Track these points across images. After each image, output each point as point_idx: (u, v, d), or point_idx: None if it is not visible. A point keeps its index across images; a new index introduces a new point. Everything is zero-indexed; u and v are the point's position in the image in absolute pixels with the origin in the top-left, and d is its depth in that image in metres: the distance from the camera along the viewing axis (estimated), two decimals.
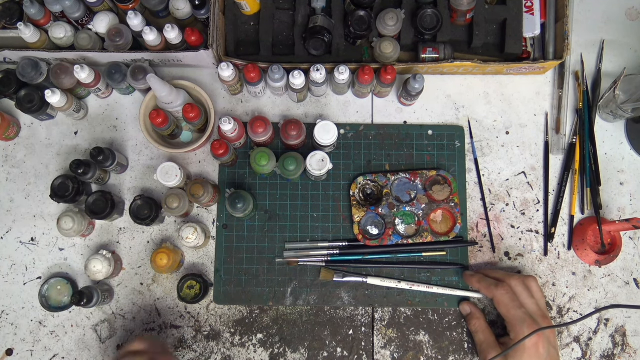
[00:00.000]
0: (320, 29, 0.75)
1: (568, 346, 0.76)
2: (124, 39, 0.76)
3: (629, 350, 0.76)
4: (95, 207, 0.73)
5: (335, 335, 0.76)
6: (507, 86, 0.83)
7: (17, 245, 0.78)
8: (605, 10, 0.85)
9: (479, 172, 0.80)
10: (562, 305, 0.77)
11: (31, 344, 0.76)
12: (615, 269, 0.78)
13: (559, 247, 0.79)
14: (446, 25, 0.77)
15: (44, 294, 0.75)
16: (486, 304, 0.77)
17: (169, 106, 0.73)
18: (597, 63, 0.83)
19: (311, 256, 0.77)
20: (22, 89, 0.75)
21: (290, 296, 0.76)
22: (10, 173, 0.80)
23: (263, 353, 0.75)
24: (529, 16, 0.80)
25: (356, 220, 0.76)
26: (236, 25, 0.80)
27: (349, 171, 0.80)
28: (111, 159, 0.74)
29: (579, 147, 0.80)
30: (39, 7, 0.74)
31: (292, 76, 0.73)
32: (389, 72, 0.72)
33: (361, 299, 0.76)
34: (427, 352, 0.75)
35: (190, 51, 0.74)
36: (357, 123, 0.81)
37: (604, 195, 0.79)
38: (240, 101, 0.82)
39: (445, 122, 0.82)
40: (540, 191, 0.80)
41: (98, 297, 0.72)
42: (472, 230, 0.79)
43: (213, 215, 0.79)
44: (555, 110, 0.82)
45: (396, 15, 0.76)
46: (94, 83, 0.75)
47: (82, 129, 0.81)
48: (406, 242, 0.76)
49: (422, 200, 0.77)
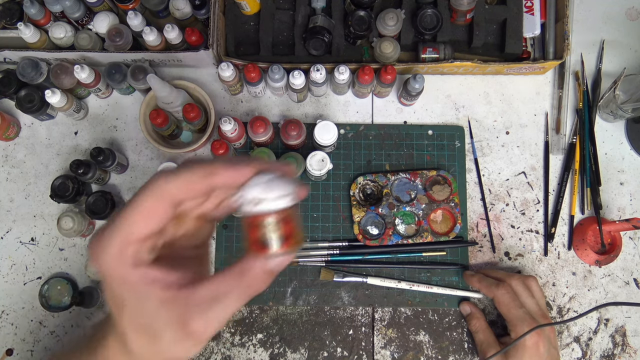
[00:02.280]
0: (320, 29, 0.75)
1: (568, 346, 0.76)
2: (124, 39, 0.76)
3: (629, 350, 0.76)
4: (95, 207, 0.73)
5: (335, 335, 0.76)
6: (507, 86, 0.83)
7: (17, 245, 0.78)
8: (605, 10, 0.85)
9: (479, 172, 0.80)
10: (562, 305, 0.77)
11: (31, 344, 0.76)
12: (615, 269, 0.78)
13: (559, 247, 0.79)
14: (446, 25, 0.77)
15: (44, 294, 0.75)
16: (486, 303, 0.77)
17: (169, 106, 0.73)
18: (597, 63, 0.83)
19: (311, 256, 0.77)
20: (22, 89, 0.75)
21: (290, 296, 0.77)
22: (10, 173, 0.80)
23: (263, 353, 0.75)
24: (529, 16, 0.80)
25: (356, 220, 0.76)
26: (236, 25, 0.80)
27: (349, 171, 0.80)
28: (111, 159, 0.74)
29: (579, 147, 0.80)
30: (39, 7, 0.74)
31: (292, 76, 0.73)
32: (389, 72, 0.72)
33: (361, 299, 0.76)
34: (427, 352, 0.75)
35: (190, 51, 0.74)
36: (357, 123, 0.81)
37: (604, 195, 0.79)
38: (240, 101, 0.82)
39: (445, 122, 0.82)
40: (540, 191, 0.80)
41: (98, 297, 0.72)
42: (472, 230, 0.79)
43: None
44: (555, 110, 0.82)
45: (396, 15, 0.76)
46: (94, 83, 0.75)
47: (82, 129, 0.81)
48: (406, 242, 0.76)
49: (422, 200, 0.77)
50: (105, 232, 0.30)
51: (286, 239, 0.31)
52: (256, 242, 0.31)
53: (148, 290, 0.30)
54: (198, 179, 0.30)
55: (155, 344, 0.30)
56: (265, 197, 0.30)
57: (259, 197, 0.30)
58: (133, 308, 0.30)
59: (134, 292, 0.30)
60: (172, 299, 0.30)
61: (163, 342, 0.30)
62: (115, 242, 0.30)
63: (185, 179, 0.30)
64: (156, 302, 0.30)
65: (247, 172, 0.31)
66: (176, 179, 0.30)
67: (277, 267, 0.32)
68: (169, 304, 0.30)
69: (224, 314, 0.30)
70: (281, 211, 0.30)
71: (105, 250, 0.30)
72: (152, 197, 0.30)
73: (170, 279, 0.31)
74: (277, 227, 0.30)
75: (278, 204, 0.30)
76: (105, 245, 0.30)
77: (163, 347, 0.30)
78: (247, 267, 0.31)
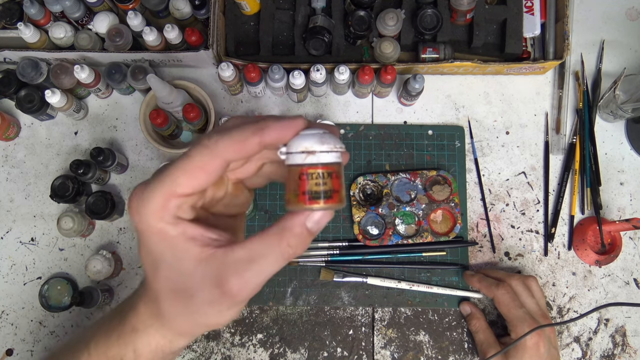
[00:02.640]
0: (320, 29, 0.75)
1: (568, 346, 0.76)
2: (124, 39, 0.76)
3: (629, 350, 0.76)
4: (95, 207, 0.73)
5: (335, 335, 0.76)
6: (507, 86, 0.83)
7: (17, 245, 0.78)
8: (605, 10, 0.85)
9: (479, 172, 0.80)
10: (562, 305, 0.77)
11: (31, 344, 0.76)
12: (615, 269, 0.78)
13: (559, 247, 0.79)
14: (446, 25, 0.77)
15: (44, 294, 0.75)
16: (486, 304, 0.77)
17: (169, 106, 0.73)
18: (597, 63, 0.83)
19: (311, 256, 0.77)
20: (22, 89, 0.75)
21: (290, 296, 0.76)
22: (10, 173, 0.80)
23: (263, 353, 0.75)
24: (529, 16, 0.80)
25: (356, 220, 0.76)
26: (236, 25, 0.80)
27: (349, 171, 0.80)
28: (111, 159, 0.74)
29: (579, 147, 0.80)
30: (39, 7, 0.74)
31: (292, 76, 0.73)
32: (389, 72, 0.72)
33: (361, 299, 0.76)
34: (427, 352, 0.75)
35: (190, 51, 0.74)
36: (357, 123, 0.81)
37: (604, 195, 0.79)
38: (240, 101, 0.82)
39: (445, 122, 0.82)
40: (540, 191, 0.80)
41: (98, 297, 0.72)
42: (472, 230, 0.79)
43: None
44: (555, 110, 0.82)
45: (396, 15, 0.76)
46: (94, 83, 0.75)
47: (82, 129, 0.81)
48: (406, 242, 0.76)
49: (422, 200, 0.77)
50: (148, 186, 0.29)
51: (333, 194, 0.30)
52: (303, 194, 0.30)
53: (187, 247, 0.29)
54: (250, 135, 0.29)
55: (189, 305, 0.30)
56: (318, 149, 0.30)
57: (312, 148, 0.30)
58: (169, 266, 0.30)
59: (172, 248, 0.30)
60: (210, 258, 0.29)
61: (197, 302, 0.29)
62: (158, 195, 0.29)
63: (237, 136, 0.29)
64: (193, 260, 0.29)
65: (298, 125, 0.30)
66: (229, 136, 0.29)
67: (316, 226, 0.30)
68: (206, 262, 0.29)
69: (262, 276, 0.29)
70: (331, 165, 0.30)
71: (148, 204, 0.29)
72: (203, 153, 0.29)
73: (209, 236, 0.30)
74: (327, 180, 0.30)
75: (329, 157, 0.30)
76: (148, 198, 0.29)
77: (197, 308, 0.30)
78: (287, 227, 0.30)
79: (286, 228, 0.30)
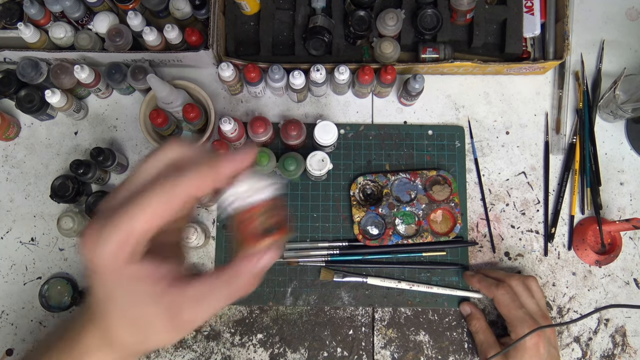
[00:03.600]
0: (320, 29, 0.75)
1: (568, 346, 0.76)
2: (124, 39, 0.76)
3: (629, 350, 0.76)
4: (95, 207, 0.73)
5: (335, 335, 0.76)
6: (507, 86, 0.83)
7: (17, 245, 0.78)
8: (605, 10, 0.85)
9: (479, 172, 0.80)
10: (562, 305, 0.77)
11: (31, 344, 0.76)
12: (615, 269, 0.78)
13: (559, 247, 0.79)
14: (446, 25, 0.77)
15: (44, 294, 0.75)
16: (486, 304, 0.77)
17: (169, 106, 0.73)
18: (597, 63, 0.83)
19: (311, 256, 0.77)
20: (22, 89, 0.75)
21: (290, 296, 0.76)
22: (10, 173, 0.80)
23: (263, 353, 0.75)
24: (529, 16, 0.80)
25: (356, 220, 0.76)
26: (236, 25, 0.80)
27: (349, 171, 0.80)
28: (111, 159, 0.74)
29: (579, 147, 0.80)
30: (39, 7, 0.74)
31: (292, 76, 0.73)
32: (389, 72, 0.72)
33: (361, 299, 0.76)
34: (427, 352, 0.75)
35: (190, 51, 0.74)
36: (357, 123, 0.81)
37: (604, 195, 0.79)
38: (240, 101, 0.82)
39: (445, 122, 0.82)
40: (540, 191, 0.80)
41: None
42: (472, 230, 0.79)
43: (213, 216, 0.79)
44: (555, 110, 0.82)
45: (396, 15, 0.76)
46: (94, 83, 0.75)
47: (82, 129, 0.81)
48: (406, 242, 0.76)
49: (422, 200, 0.77)
50: (104, 226, 0.29)
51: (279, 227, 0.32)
52: (251, 235, 0.32)
53: (139, 285, 0.31)
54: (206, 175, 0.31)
55: (142, 334, 0.31)
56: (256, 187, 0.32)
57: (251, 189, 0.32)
58: (122, 302, 0.31)
59: (125, 287, 0.31)
60: (164, 294, 0.31)
61: (152, 331, 0.31)
62: (114, 238, 0.29)
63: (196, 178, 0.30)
64: (148, 297, 0.31)
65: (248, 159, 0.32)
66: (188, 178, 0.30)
67: (262, 271, 0.32)
68: (160, 298, 0.31)
69: (211, 311, 0.32)
70: (272, 199, 0.32)
71: (105, 243, 0.29)
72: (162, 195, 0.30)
73: (160, 272, 0.31)
74: (271, 215, 0.32)
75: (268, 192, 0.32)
76: (103, 240, 0.29)
77: (151, 335, 0.31)
78: (237, 272, 0.32)
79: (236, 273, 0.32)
